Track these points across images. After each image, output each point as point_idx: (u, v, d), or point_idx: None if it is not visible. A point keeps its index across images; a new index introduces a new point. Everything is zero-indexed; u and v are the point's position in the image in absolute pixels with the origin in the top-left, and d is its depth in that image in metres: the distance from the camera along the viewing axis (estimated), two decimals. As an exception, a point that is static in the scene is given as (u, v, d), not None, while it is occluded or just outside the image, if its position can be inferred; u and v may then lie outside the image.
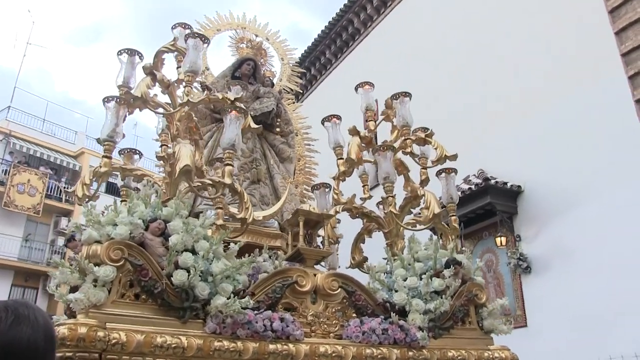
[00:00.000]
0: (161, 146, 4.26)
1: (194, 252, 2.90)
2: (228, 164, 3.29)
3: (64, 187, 22.70)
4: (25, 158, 22.41)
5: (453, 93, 11.30)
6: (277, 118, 5.49)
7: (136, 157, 3.86)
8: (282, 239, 4.74)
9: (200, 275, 2.79)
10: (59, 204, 22.53)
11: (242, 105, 3.49)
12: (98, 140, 3.44)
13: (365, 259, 4.50)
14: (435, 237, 4.01)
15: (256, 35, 5.88)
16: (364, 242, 4.61)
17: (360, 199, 4.34)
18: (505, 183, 9.50)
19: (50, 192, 22.37)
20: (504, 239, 9.40)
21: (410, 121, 4.20)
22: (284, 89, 5.86)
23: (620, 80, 7.35)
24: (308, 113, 6.21)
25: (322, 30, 15.03)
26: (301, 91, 6.33)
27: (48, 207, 21.99)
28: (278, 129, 5.51)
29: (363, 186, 4.50)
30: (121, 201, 3.80)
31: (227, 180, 3.25)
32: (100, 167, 3.29)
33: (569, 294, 8.06)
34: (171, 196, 3.25)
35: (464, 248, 4.27)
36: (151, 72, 3.46)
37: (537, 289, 8.76)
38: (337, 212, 4.05)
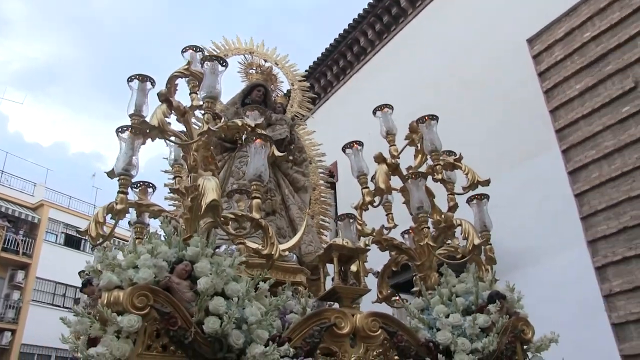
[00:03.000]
0: (174, 178, 3.99)
1: (224, 295, 2.62)
2: (256, 197, 3.02)
3: (22, 240, 22.29)
4: (-19, 211, 21.85)
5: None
6: (290, 146, 5.25)
7: (150, 190, 3.57)
8: (302, 274, 4.46)
9: (234, 322, 2.49)
10: (16, 256, 21.88)
11: (265, 132, 3.24)
12: (109, 175, 3.14)
13: (394, 293, 4.23)
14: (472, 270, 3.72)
15: (265, 60, 5.68)
16: (390, 276, 4.34)
17: (386, 228, 4.07)
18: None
19: (7, 244, 21.74)
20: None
21: (439, 146, 3.96)
22: (296, 115, 5.63)
23: (555, 154, 8.11)
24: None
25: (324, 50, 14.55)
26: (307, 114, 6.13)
27: (4, 260, 21.33)
28: (291, 157, 5.27)
29: (387, 214, 4.24)
30: (135, 239, 3.50)
31: (256, 215, 2.97)
32: (116, 203, 2.99)
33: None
34: (191, 233, 2.97)
35: (497, 278, 3.97)
36: (166, 98, 3.18)
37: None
38: (366, 245, 3.76)
